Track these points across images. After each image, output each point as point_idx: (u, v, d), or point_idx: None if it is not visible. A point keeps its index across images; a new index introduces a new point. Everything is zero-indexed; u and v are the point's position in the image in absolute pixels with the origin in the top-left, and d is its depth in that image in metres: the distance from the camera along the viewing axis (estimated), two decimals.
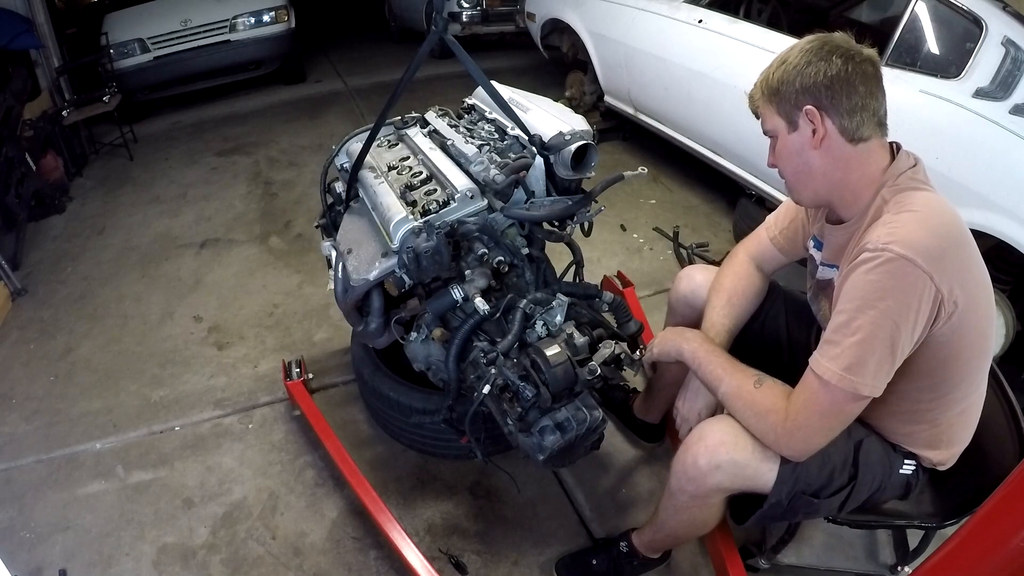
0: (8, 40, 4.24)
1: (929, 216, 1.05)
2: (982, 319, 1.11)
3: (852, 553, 1.69)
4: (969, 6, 2.06)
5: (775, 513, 1.24)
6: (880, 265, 1.01)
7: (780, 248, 1.46)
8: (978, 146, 1.97)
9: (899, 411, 1.22)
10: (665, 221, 3.30)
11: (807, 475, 1.20)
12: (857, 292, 1.04)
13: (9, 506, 1.96)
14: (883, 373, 1.05)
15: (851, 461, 1.24)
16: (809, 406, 1.11)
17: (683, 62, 3.16)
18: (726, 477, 1.22)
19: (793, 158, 1.15)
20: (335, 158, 1.96)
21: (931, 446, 1.26)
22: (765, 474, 1.20)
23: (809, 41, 1.11)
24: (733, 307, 1.45)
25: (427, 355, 1.69)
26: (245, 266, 3.16)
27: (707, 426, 1.27)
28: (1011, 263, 2.08)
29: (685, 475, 1.26)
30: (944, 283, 1.01)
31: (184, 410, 2.29)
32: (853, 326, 1.04)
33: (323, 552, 1.77)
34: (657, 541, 1.54)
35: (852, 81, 1.06)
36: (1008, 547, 0.85)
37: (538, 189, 1.66)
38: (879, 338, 1.03)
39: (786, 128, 1.13)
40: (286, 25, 5.70)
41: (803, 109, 1.09)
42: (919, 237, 1.01)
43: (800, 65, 1.08)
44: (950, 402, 1.19)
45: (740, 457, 1.20)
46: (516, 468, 1.88)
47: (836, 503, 1.25)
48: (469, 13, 6.04)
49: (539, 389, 1.32)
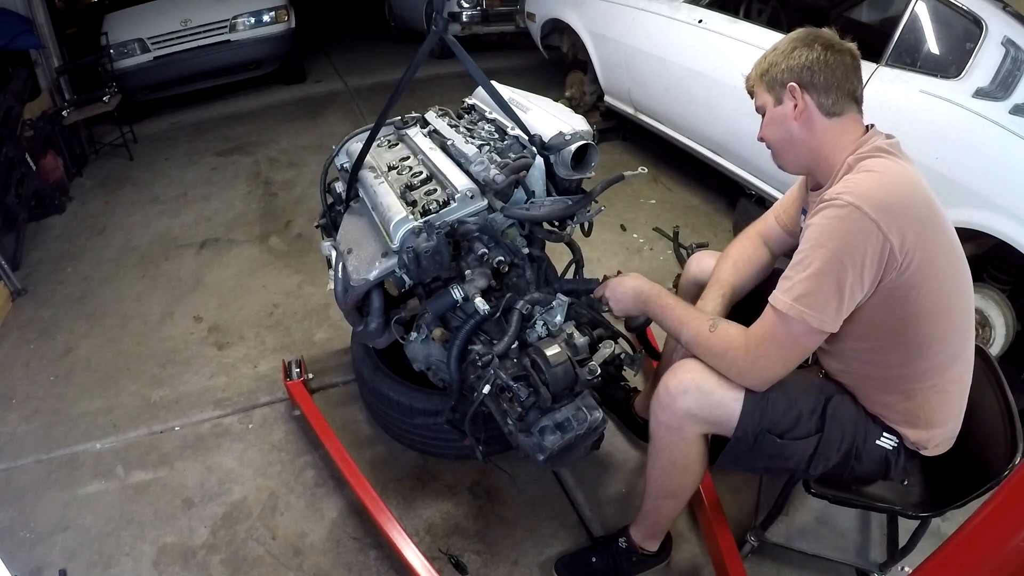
0: (8, 40, 4.24)
1: (883, 176, 1.15)
2: (944, 284, 1.19)
3: (843, 545, 1.69)
4: (969, 6, 2.06)
5: (741, 450, 1.31)
6: (831, 211, 1.13)
7: (784, 227, 1.54)
8: (978, 146, 1.97)
9: (872, 376, 1.30)
10: (665, 221, 3.30)
11: (773, 413, 1.28)
12: (811, 234, 1.16)
13: (9, 506, 1.96)
14: (831, 308, 1.14)
15: (820, 413, 1.30)
16: (767, 337, 1.21)
17: (683, 62, 3.16)
18: (693, 402, 1.30)
19: (777, 128, 1.29)
20: (335, 158, 1.96)
21: (908, 422, 1.30)
22: (730, 403, 1.28)
23: (798, 32, 1.28)
24: (738, 268, 1.54)
25: (427, 355, 1.69)
26: (245, 266, 3.16)
27: (680, 363, 1.36)
28: (1011, 263, 2.07)
29: (659, 404, 1.35)
30: (893, 234, 1.10)
31: (184, 410, 2.29)
32: (804, 263, 1.15)
33: (323, 552, 1.77)
34: (649, 515, 1.55)
35: (830, 64, 1.21)
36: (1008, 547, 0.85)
37: (538, 189, 1.66)
38: (826, 274, 1.13)
39: (772, 102, 1.28)
40: (286, 25, 5.70)
41: (787, 86, 1.24)
42: (868, 190, 1.12)
43: (787, 50, 1.25)
44: (920, 372, 1.25)
45: (706, 384, 1.29)
46: (516, 468, 1.88)
47: (803, 452, 1.30)
48: (469, 13, 6.04)
49: (539, 389, 1.32)
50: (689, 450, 1.38)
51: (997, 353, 2.06)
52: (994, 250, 2.09)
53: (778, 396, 1.28)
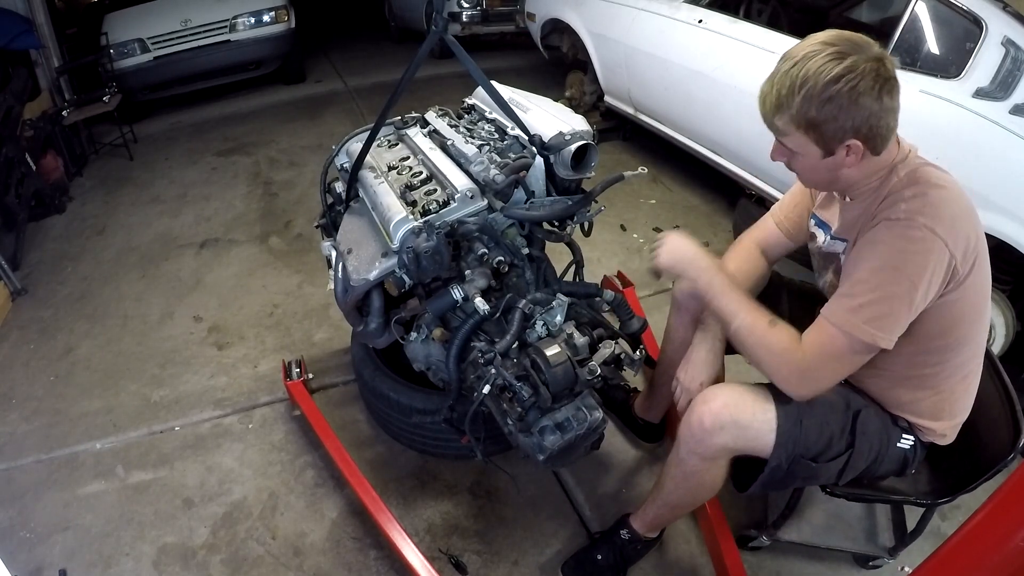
0: (8, 40, 4.24)
1: (947, 191, 1.13)
2: (984, 281, 1.20)
3: (851, 533, 1.69)
4: (969, 6, 2.06)
5: (776, 477, 1.29)
6: (904, 231, 1.10)
7: (786, 232, 1.50)
8: (978, 146, 1.97)
9: (905, 376, 1.28)
10: (665, 221, 3.30)
11: (806, 439, 1.26)
12: (881, 253, 1.12)
13: (9, 506, 1.96)
14: (899, 327, 1.13)
15: (849, 429, 1.29)
16: (825, 351, 1.16)
17: (683, 62, 3.16)
18: (730, 437, 1.28)
19: (819, 172, 1.20)
20: (335, 158, 1.95)
21: (934, 416, 1.31)
22: (766, 435, 1.26)
23: (850, 70, 1.06)
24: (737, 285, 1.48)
25: (427, 355, 1.69)
26: (245, 266, 3.16)
27: (711, 391, 1.33)
28: (1011, 263, 2.07)
29: (693, 438, 1.31)
30: (958, 249, 1.10)
31: (184, 410, 2.29)
32: (872, 282, 1.12)
33: (323, 552, 1.77)
34: (660, 516, 1.56)
35: (893, 110, 1.11)
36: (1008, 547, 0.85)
37: (538, 189, 1.66)
38: (901, 298, 1.10)
39: (820, 154, 1.15)
40: (286, 25, 5.70)
41: (847, 144, 1.12)
42: (939, 209, 1.10)
43: (844, 103, 1.07)
44: (953, 367, 1.25)
45: (743, 418, 1.27)
46: (516, 468, 1.88)
47: (834, 470, 1.30)
48: (469, 13, 6.04)
49: (539, 389, 1.32)
50: (716, 473, 1.38)
51: (997, 353, 2.05)
52: (994, 250, 2.08)
53: (810, 422, 1.26)
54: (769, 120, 1.18)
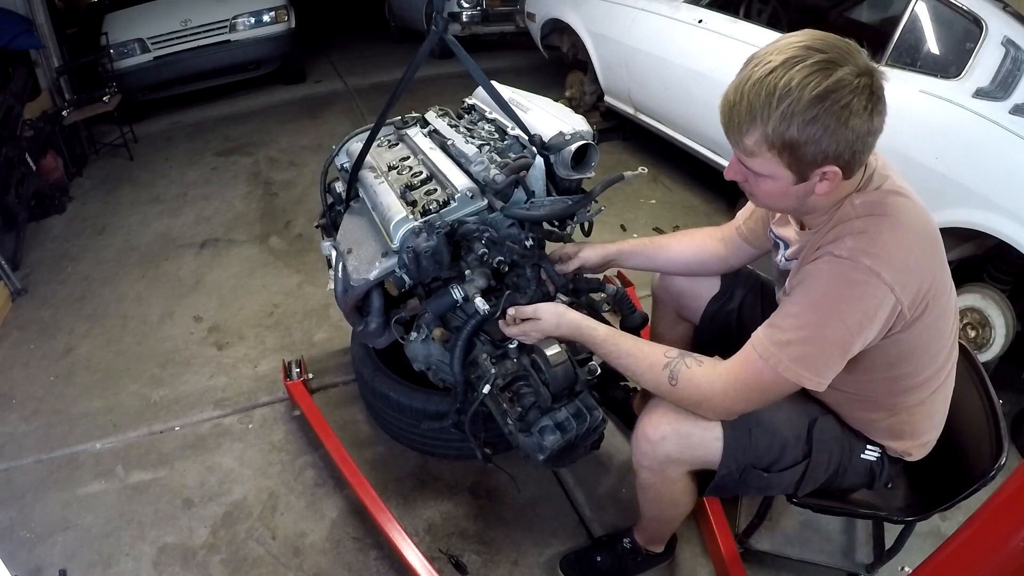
0: (8, 40, 4.25)
1: (903, 230, 1.00)
2: (940, 318, 1.09)
3: (828, 548, 1.68)
4: (969, 6, 2.06)
5: (728, 484, 1.25)
6: (843, 269, 0.99)
7: (744, 238, 1.48)
8: (978, 146, 1.97)
9: (856, 397, 1.23)
10: (665, 221, 3.30)
11: (756, 449, 1.22)
12: (815, 288, 1.03)
13: (9, 506, 1.96)
14: (829, 371, 1.05)
15: (804, 438, 1.24)
16: (750, 384, 1.10)
17: (683, 62, 3.16)
18: (674, 447, 1.23)
19: (786, 200, 1.07)
20: (335, 158, 1.95)
21: (894, 436, 1.26)
22: (711, 443, 1.21)
23: (841, 84, 0.90)
24: (692, 242, 1.55)
25: (427, 355, 1.69)
26: (245, 266, 3.16)
27: (652, 403, 1.28)
28: (1011, 263, 2.07)
29: (639, 450, 1.28)
30: (908, 294, 1.00)
31: (184, 410, 2.29)
32: (803, 319, 1.03)
33: (323, 552, 1.77)
34: (649, 529, 1.55)
35: (880, 131, 0.97)
36: (1008, 547, 0.85)
37: (538, 189, 1.65)
38: (828, 339, 1.01)
39: (791, 179, 1.00)
40: (286, 25, 5.70)
41: (823, 169, 0.97)
42: (889, 250, 0.98)
43: (832, 124, 0.91)
44: (908, 393, 1.19)
45: (683, 428, 1.21)
46: (516, 468, 1.88)
47: (790, 480, 1.26)
48: (469, 13, 6.04)
49: (539, 389, 1.32)
50: (675, 487, 1.34)
51: (997, 353, 2.06)
52: (994, 250, 2.09)
53: (760, 431, 1.21)
54: (736, 137, 1.00)
